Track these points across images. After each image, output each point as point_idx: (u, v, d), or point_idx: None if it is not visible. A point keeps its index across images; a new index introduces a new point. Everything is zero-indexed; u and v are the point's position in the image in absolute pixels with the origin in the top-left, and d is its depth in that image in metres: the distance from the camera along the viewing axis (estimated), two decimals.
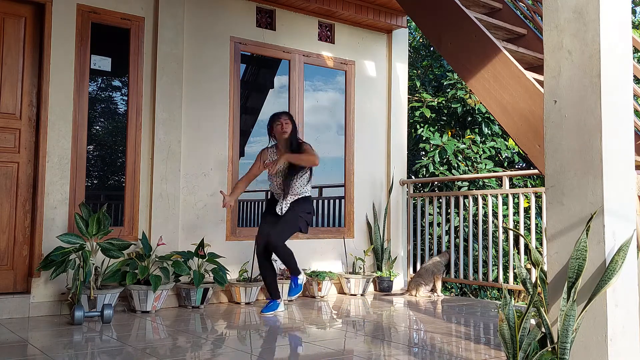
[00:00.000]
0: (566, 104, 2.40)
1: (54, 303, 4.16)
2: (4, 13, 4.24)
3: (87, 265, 3.91)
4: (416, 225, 6.00)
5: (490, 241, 5.22)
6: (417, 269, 5.80)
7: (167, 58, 4.74)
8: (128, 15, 4.64)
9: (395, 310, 4.66)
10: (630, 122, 2.38)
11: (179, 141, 4.76)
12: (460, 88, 7.35)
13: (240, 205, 5.18)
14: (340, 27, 5.83)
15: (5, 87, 4.22)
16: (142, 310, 4.25)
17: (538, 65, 3.79)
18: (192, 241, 4.70)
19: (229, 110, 5.10)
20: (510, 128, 3.15)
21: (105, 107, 4.70)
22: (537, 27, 4.19)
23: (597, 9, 2.31)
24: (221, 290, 4.86)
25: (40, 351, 3.08)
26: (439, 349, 3.28)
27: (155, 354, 3.03)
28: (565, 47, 2.41)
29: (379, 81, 6.06)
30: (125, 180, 4.58)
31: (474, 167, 6.95)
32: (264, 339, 3.57)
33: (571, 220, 2.34)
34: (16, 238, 4.20)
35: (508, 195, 5.09)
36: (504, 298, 2.28)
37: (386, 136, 6.04)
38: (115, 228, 4.38)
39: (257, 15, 5.33)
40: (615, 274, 2.18)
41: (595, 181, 2.27)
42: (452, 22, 3.56)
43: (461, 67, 3.49)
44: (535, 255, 2.44)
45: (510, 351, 2.26)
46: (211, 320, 4.11)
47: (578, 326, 2.24)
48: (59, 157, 4.29)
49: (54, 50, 4.30)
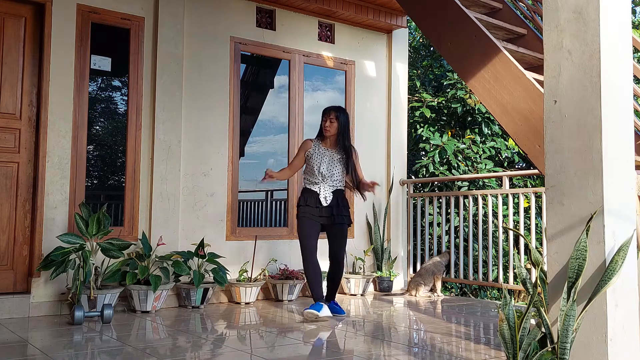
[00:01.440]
0: (566, 104, 2.40)
1: (54, 303, 4.16)
2: (4, 13, 4.24)
3: (87, 265, 3.91)
4: (416, 225, 6.00)
5: (490, 241, 5.22)
6: (417, 269, 5.81)
7: (167, 58, 4.74)
8: (128, 15, 4.64)
9: (395, 310, 4.66)
10: (630, 122, 2.38)
11: (179, 141, 4.76)
12: (460, 88, 7.35)
13: (240, 205, 5.18)
14: (340, 27, 5.83)
15: (5, 87, 4.22)
16: (142, 310, 4.25)
17: (538, 65, 3.79)
18: (192, 241, 4.70)
19: (229, 110, 5.10)
20: (510, 128, 3.15)
21: (105, 107, 4.70)
22: (537, 27, 4.19)
23: (597, 9, 2.31)
24: (221, 290, 4.86)
25: (40, 351, 3.08)
26: (439, 349, 3.28)
27: (155, 354, 3.03)
28: (565, 47, 2.41)
29: (379, 81, 6.06)
30: (125, 180, 4.58)
31: (474, 167, 6.95)
32: (263, 339, 3.57)
33: (571, 220, 2.34)
34: (16, 238, 4.20)
35: (508, 195, 5.09)
36: (504, 298, 2.28)
37: (386, 136, 6.04)
38: (115, 228, 4.38)
39: (257, 15, 5.33)
40: (615, 274, 2.18)
41: (595, 181, 2.27)
42: (452, 22, 3.56)
43: (461, 67, 3.49)
44: (535, 255, 2.44)
45: (510, 351, 2.26)
46: (211, 320, 4.11)
47: (578, 326, 2.24)
48: (59, 157, 4.29)
49: (54, 50, 4.30)
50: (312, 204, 4.27)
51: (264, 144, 5.27)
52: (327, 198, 4.27)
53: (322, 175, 4.28)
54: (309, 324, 3.98)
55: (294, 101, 5.51)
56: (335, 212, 4.28)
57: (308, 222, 4.25)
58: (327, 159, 4.30)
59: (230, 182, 5.06)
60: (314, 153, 4.33)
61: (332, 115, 4.30)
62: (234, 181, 5.09)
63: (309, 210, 4.26)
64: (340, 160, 4.33)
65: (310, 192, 4.30)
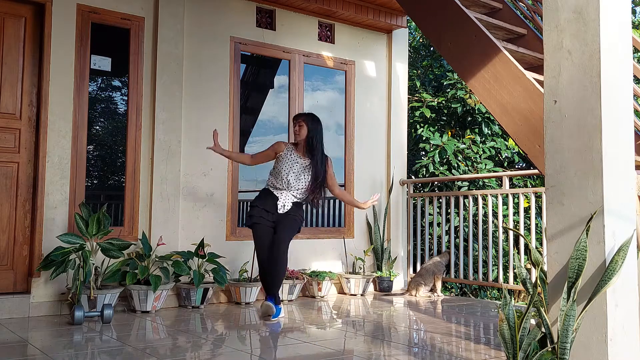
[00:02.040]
0: (566, 104, 2.40)
1: (54, 303, 4.16)
2: (4, 13, 4.24)
3: (87, 265, 3.91)
4: (416, 225, 6.00)
5: (490, 241, 5.22)
6: (417, 269, 5.81)
7: (167, 58, 4.74)
8: (128, 15, 4.64)
9: (395, 310, 4.66)
10: (630, 122, 2.38)
11: (179, 141, 4.76)
12: (460, 88, 7.35)
13: (240, 206, 5.17)
14: (340, 27, 5.83)
15: (5, 87, 4.22)
16: (142, 310, 4.25)
17: (538, 65, 3.79)
18: (192, 241, 4.70)
19: (229, 110, 5.10)
20: (510, 128, 3.15)
21: (105, 107, 4.70)
22: (537, 27, 4.19)
23: (597, 9, 2.31)
24: (221, 290, 4.86)
25: (40, 351, 3.07)
26: (439, 349, 3.28)
27: (155, 354, 3.03)
28: (565, 47, 2.41)
29: (379, 81, 6.06)
30: (125, 180, 4.58)
31: (474, 167, 6.95)
32: (264, 339, 3.57)
33: (571, 220, 2.34)
34: (16, 238, 4.20)
35: (508, 195, 5.09)
36: (504, 298, 2.28)
37: (386, 136, 6.04)
38: (115, 228, 4.37)
39: (257, 15, 5.34)
40: (615, 274, 2.18)
41: (595, 181, 2.27)
42: (452, 22, 3.56)
43: (461, 67, 3.49)
44: (535, 255, 2.44)
45: (510, 351, 2.26)
46: (211, 320, 4.11)
47: (578, 326, 2.24)
48: (59, 157, 4.29)
49: (54, 50, 4.30)
50: (268, 208, 4.19)
51: (264, 144, 5.26)
52: (286, 206, 4.21)
53: (288, 183, 4.20)
54: (309, 324, 3.98)
55: (294, 101, 5.51)
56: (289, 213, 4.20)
57: (262, 232, 4.16)
58: (297, 168, 4.21)
59: (230, 182, 5.06)
60: (285, 158, 4.23)
61: (300, 120, 4.25)
62: (234, 181, 5.09)
63: (264, 214, 4.17)
64: (309, 167, 4.23)
65: (271, 196, 4.23)
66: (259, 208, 4.20)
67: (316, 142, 4.24)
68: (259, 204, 4.22)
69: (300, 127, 4.25)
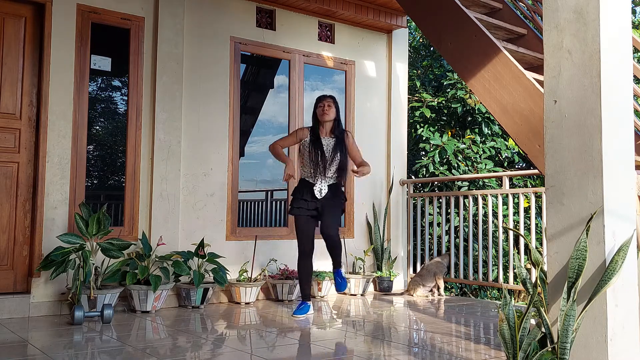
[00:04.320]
0: (566, 104, 2.40)
1: (54, 303, 4.16)
2: (4, 13, 4.24)
3: (87, 265, 3.91)
4: (416, 225, 6.00)
5: (490, 241, 5.22)
6: (417, 269, 5.81)
7: (167, 58, 4.74)
8: (128, 15, 4.64)
9: (395, 310, 4.66)
10: (630, 122, 2.38)
11: (179, 141, 4.76)
12: (460, 88, 7.35)
13: (240, 205, 5.18)
14: (340, 27, 5.83)
15: (5, 87, 4.22)
16: (142, 310, 4.25)
17: (538, 65, 3.79)
18: (192, 241, 4.70)
19: (229, 110, 5.10)
20: (510, 128, 3.15)
21: (105, 107, 4.70)
22: (537, 27, 4.19)
23: (597, 9, 2.31)
24: (221, 290, 4.86)
25: (40, 351, 3.08)
26: (439, 349, 3.28)
27: (155, 354, 3.03)
28: (565, 47, 2.41)
29: (379, 81, 6.06)
30: (125, 180, 4.58)
31: (474, 167, 6.95)
32: (264, 339, 3.57)
33: (571, 220, 2.34)
34: (16, 238, 4.20)
35: (508, 195, 5.09)
36: (504, 298, 2.28)
37: (386, 136, 6.04)
38: (115, 228, 4.37)
39: (257, 15, 5.33)
40: (615, 274, 2.18)
41: (595, 181, 2.27)
42: (452, 22, 3.56)
43: (461, 67, 3.49)
44: (535, 255, 2.44)
45: (510, 351, 2.26)
46: (211, 320, 4.11)
47: (578, 326, 2.24)
48: (59, 157, 4.29)
49: (54, 50, 4.30)
50: (306, 196, 4.28)
51: (264, 144, 5.27)
52: (323, 191, 4.28)
53: (320, 166, 4.28)
54: (309, 324, 3.98)
55: (294, 101, 5.51)
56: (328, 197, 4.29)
57: (303, 222, 4.29)
58: (326, 149, 4.31)
59: (230, 182, 5.06)
60: (312, 143, 4.32)
61: (329, 100, 4.36)
62: (234, 181, 5.09)
63: (303, 204, 4.28)
64: (337, 146, 4.34)
65: (307, 184, 4.33)
66: (298, 198, 4.32)
67: (340, 123, 4.42)
68: (297, 194, 4.34)
69: (329, 106, 4.35)
